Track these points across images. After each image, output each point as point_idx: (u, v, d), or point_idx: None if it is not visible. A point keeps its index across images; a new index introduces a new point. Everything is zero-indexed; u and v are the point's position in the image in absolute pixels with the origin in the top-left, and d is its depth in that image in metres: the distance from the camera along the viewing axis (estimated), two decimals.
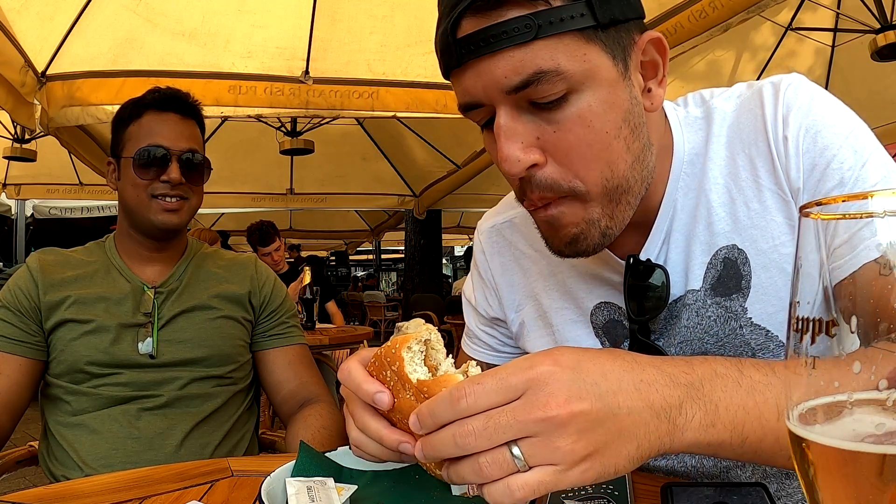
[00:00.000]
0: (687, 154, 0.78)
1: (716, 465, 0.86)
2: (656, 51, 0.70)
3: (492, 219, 1.00)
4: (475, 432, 0.49)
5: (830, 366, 0.29)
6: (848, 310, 0.28)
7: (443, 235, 10.59)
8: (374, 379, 0.58)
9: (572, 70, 0.63)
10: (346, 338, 3.53)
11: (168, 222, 1.32)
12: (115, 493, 0.81)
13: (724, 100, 0.80)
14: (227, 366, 1.34)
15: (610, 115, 0.65)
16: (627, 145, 0.67)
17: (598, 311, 0.85)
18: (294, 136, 5.36)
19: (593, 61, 0.64)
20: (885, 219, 0.28)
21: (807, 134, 0.70)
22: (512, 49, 0.62)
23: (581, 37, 0.63)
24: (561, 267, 0.88)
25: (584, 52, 0.63)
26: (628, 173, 0.68)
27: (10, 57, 2.82)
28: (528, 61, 0.62)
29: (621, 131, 0.66)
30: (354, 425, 0.60)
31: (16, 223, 8.54)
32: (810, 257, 0.30)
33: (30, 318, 1.27)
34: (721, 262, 0.76)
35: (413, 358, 0.57)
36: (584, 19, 0.62)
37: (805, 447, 0.29)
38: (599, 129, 0.65)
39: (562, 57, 0.62)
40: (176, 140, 1.32)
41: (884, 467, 0.27)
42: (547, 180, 0.67)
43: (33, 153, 5.35)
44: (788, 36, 4.47)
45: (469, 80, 0.66)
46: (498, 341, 1.02)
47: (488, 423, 0.48)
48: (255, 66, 3.46)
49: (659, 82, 0.70)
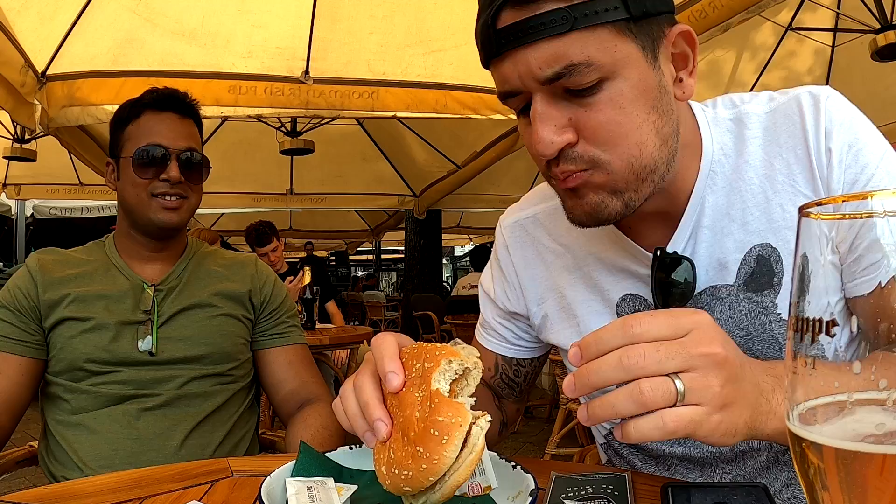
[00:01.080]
0: (716, 153, 0.81)
1: (732, 450, 0.87)
2: (686, 43, 0.74)
3: (515, 214, 1.02)
4: (645, 354, 0.52)
5: (830, 366, 0.29)
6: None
7: (443, 235, 10.59)
8: (399, 361, 0.61)
9: (603, 61, 0.66)
10: (346, 338, 3.53)
11: (168, 221, 1.32)
12: (115, 493, 0.81)
13: (756, 104, 0.83)
14: (227, 363, 1.34)
15: (640, 100, 0.69)
16: (656, 129, 0.71)
17: (623, 302, 0.88)
18: (294, 136, 5.36)
19: (623, 52, 0.67)
20: (886, 219, 0.28)
21: (850, 150, 0.75)
22: (548, 40, 0.66)
23: (614, 29, 0.66)
24: (587, 260, 0.91)
25: (615, 43, 0.67)
26: (655, 154, 0.72)
27: (10, 57, 2.81)
28: (562, 54, 0.66)
29: (650, 116, 0.70)
30: (353, 382, 0.64)
31: (16, 223, 8.54)
32: (811, 257, 0.30)
33: (29, 318, 1.27)
34: (755, 259, 0.79)
35: (446, 372, 0.59)
36: (617, 12, 0.66)
37: (805, 447, 0.29)
38: (630, 112, 0.69)
39: (593, 49, 0.66)
40: (175, 139, 1.32)
41: (884, 467, 0.27)
42: (576, 155, 0.71)
43: (33, 153, 5.35)
44: (788, 36, 4.47)
45: (507, 68, 0.70)
46: (514, 335, 1.04)
47: (659, 347, 0.52)
48: (255, 66, 3.46)
49: (689, 73, 0.74)
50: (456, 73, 3.65)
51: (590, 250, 0.91)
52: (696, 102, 0.84)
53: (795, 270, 0.31)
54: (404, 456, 0.57)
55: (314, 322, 3.74)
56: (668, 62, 0.72)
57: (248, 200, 7.30)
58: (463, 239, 16.48)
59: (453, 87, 3.63)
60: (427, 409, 0.56)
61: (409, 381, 0.59)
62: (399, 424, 0.59)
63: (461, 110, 3.64)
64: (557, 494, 0.69)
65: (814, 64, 4.67)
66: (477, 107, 3.67)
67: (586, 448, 1.37)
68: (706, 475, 0.88)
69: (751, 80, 4.66)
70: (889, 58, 3.44)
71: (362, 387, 0.62)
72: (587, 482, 0.73)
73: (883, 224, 0.28)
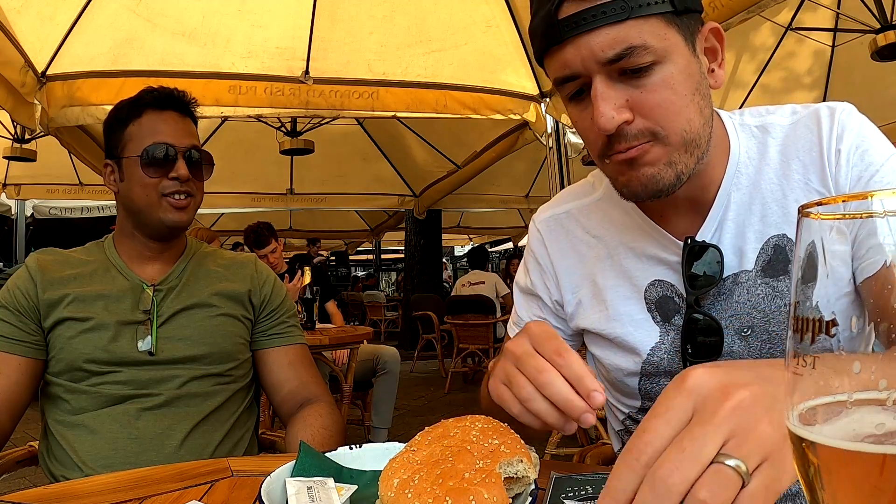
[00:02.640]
0: (742, 155, 0.90)
1: None
2: (715, 38, 0.84)
3: (549, 210, 1.09)
4: (674, 460, 0.41)
5: (830, 366, 0.29)
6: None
7: (443, 235, 10.59)
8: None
9: (657, 46, 0.75)
10: (346, 338, 3.52)
11: (178, 220, 1.32)
12: (115, 493, 0.81)
13: (779, 115, 0.92)
14: (226, 363, 1.34)
15: (687, 82, 0.78)
16: (700, 109, 0.80)
17: (651, 287, 0.94)
18: (294, 136, 5.37)
19: (672, 40, 0.77)
20: (886, 218, 0.28)
21: (856, 151, 0.83)
22: (608, 27, 0.74)
23: (662, 19, 0.76)
24: (618, 249, 0.98)
25: (664, 32, 0.76)
26: (700, 130, 0.80)
27: (10, 57, 2.82)
28: (622, 37, 0.74)
29: (695, 97, 0.79)
30: (528, 379, 0.64)
31: (16, 223, 8.54)
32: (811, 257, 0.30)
33: (29, 318, 1.27)
34: (772, 248, 0.87)
35: (514, 466, 0.62)
36: (665, 5, 0.75)
37: (805, 447, 0.29)
38: (680, 92, 0.78)
39: (648, 35, 0.75)
40: (179, 137, 1.32)
41: (884, 467, 0.26)
42: (634, 131, 0.78)
43: (33, 153, 5.35)
44: (788, 36, 4.47)
45: (569, 53, 0.77)
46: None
47: (682, 443, 0.42)
48: (255, 66, 3.46)
49: (719, 64, 0.84)
50: (456, 73, 3.65)
51: (621, 240, 0.97)
52: (723, 111, 0.93)
53: (795, 270, 0.31)
54: (428, 492, 0.58)
55: (314, 322, 3.74)
56: (703, 54, 0.82)
57: (248, 200, 7.30)
58: (463, 239, 16.48)
59: (453, 87, 3.63)
60: (479, 478, 0.59)
61: (477, 447, 0.62)
62: (441, 463, 0.61)
63: (461, 110, 3.64)
64: (557, 494, 0.69)
65: (814, 64, 4.67)
66: (477, 107, 3.67)
67: (586, 448, 1.37)
68: None
69: (751, 80, 4.66)
70: (889, 58, 3.44)
71: (570, 363, 0.62)
72: (587, 482, 0.73)
73: (883, 224, 0.28)
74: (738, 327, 0.87)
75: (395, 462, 0.64)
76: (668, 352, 0.92)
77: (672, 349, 0.92)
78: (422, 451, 0.64)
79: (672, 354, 0.92)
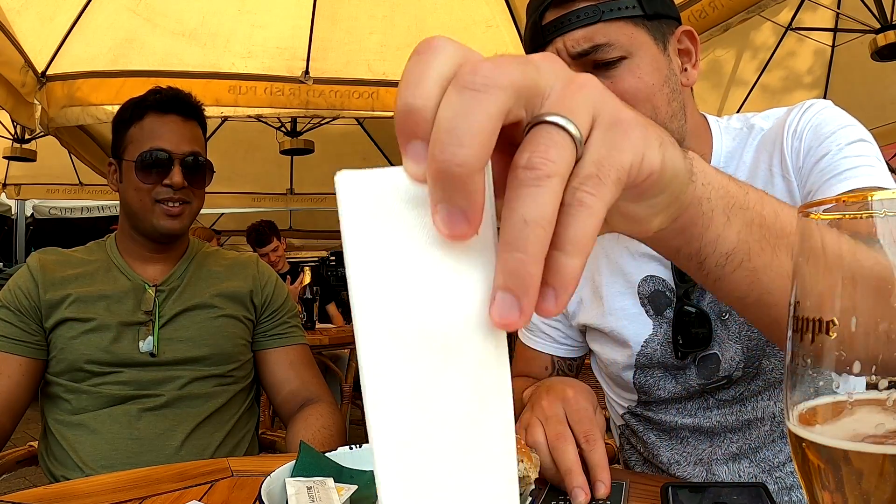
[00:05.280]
0: (723, 155, 0.95)
1: (738, 419, 0.95)
2: (688, 40, 0.92)
3: None
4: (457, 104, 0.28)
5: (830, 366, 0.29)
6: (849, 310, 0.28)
7: None
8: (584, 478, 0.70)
9: (623, 42, 0.84)
10: (346, 338, 3.53)
11: (170, 228, 1.32)
12: (115, 493, 0.81)
13: (762, 118, 0.97)
14: (228, 364, 1.34)
15: (654, 74, 0.85)
16: (668, 101, 0.86)
17: (644, 282, 0.99)
18: (294, 136, 5.36)
19: (639, 39, 0.85)
20: (886, 218, 0.28)
21: (811, 126, 0.89)
22: (581, 28, 0.84)
23: (631, 22, 0.85)
24: (614, 249, 1.03)
25: (631, 31, 0.85)
26: (668, 123, 0.86)
27: (10, 57, 2.81)
28: (590, 37, 0.83)
29: (662, 89, 0.86)
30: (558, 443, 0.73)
31: (16, 223, 8.53)
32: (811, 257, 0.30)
33: (30, 318, 1.27)
34: None
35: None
36: (633, 10, 0.84)
37: (805, 447, 0.29)
38: (647, 82, 0.85)
39: (615, 34, 0.84)
40: (178, 143, 1.31)
41: (884, 467, 0.27)
42: None
43: (33, 153, 5.34)
44: (788, 36, 4.46)
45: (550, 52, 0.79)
46: (560, 333, 1.12)
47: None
48: (255, 66, 3.46)
49: (693, 65, 0.92)
50: None
51: (616, 239, 1.02)
52: (712, 115, 1.00)
53: (795, 270, 0.31)
54: None
55: (314, 322, 3.74)
56: (676, 56, 0.90)
57: (248, 200, 7.29)
58: None
59: None
60: None
61: None
62: None
63: None
64: (550, 500, 0.69)
65: (814, 64, 4.67)
66: None
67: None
68: (715, 445, 0.96)
69: (751, 79, 4.66)
70: (889, 58, 3.44)
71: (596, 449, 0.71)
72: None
73: (883, 224, 0.28)
74: (718, 312, 0.93)
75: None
76: (661, 343, 0.96)
77: (664, 341, 0.96)
78: None
79: (665, 346, 0.96)
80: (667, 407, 0.99)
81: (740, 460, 0.94)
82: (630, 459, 1.09)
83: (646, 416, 1.02)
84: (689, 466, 0.97)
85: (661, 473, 1.01)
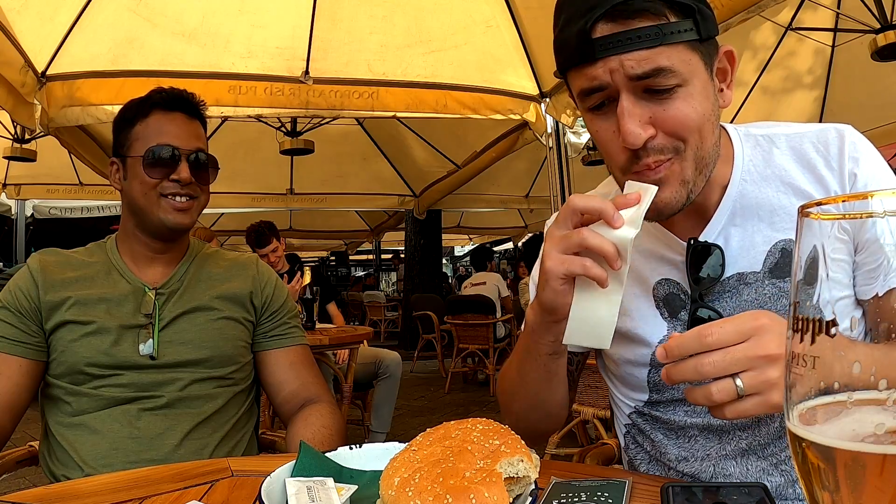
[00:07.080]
0: (746, 163, 0.96)
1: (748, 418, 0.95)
2: (727, 60, 0.90)
3: None
4: (714, 363, 0.66)
5: (830, 366, 0.29)
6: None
7: (443, 235, 10.58)
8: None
9: (682, 70, 0.82)
10: (346, 338, 3.52)
11: (179, 222, 1.32)
12: (115, 493, 0.81)
13: (783, 128, 0.98)
14: (228, 367, 1.34)
15: (705, 103, 0.85)
16: (712, 128, 0.86)
17: (659, 285, 1.00)
18: (294, 136, 5.36)
19: (694, 65, 0.83)
20: (886, 219, 0.28)
21: (873, 179, 0.91)
22: (644, 50, 0.80)
23: (689, 46, 0.82)
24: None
25: (689, 57, 0.82)
26: (710, 150, 0.87)
27: (10, 57, 2.81)
28: (653, 59, 0.80)
29: (710, 117, 0.85)
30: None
31: (16, 223, 8.53)
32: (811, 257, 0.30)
33: (30, 319, 1.27)
34: (779, 251, 0.93)
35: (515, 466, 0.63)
36: (691, 33, 0.82)
37: (805, 447, 0.29)
38: (699, 111, 0.84)
39: (675, 59, 0.81)
40: (185, 139, 1.32)
41: (884, 467, 0.26)
42: (658, 146, 0.84)
43: (33, 153, 5.35)
44: (788, 36, 4.47)
45: (599, 69, 0.83)
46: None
47: (726, 356, 0.66)
48: (255, 66, 3.46)
49: (728, 85, 0.90)
50: (456, 73, 3.65)
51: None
52: (728, 124, 0.99)
53: (795, 270, 0.31)
54: (429, 491, 0.58)
55: (314, 322, 3.74)
56: (715, 76, 0.88)
57: (248, 200, 7.30)
58: (463, 239, 16.47)
59: (453, 87, 3.63)
60: (480, 477, 0.59)
61: (478, 447, 0.64)
62: (442, 462, 0.62)
63: (461, 110, 3.64)
64: (551, 500, 0.69)
65: (814, 64, 4.67)
66: (477, 107, 3.67)
67: (586, 448, 1.37)
68: (724, 442, 0.96)
69: (751, 79, 4.66)
70: (889, 58, 3.44)
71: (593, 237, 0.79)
72: (583, 488, 0.73)
73: (883, 224, 0.28)
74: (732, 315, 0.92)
75: (397, 461, 0.64)
76: None
77: None
78: (423, 451, 0.64)
79: None
80: (676, 407, 0.99)
81: (748, 456, 0.94)
82: (636, 458, 1.09)
83: (654, 415, 1.02)
84: (697, 462, 0.98)
85: (668, 470, 1.01)
